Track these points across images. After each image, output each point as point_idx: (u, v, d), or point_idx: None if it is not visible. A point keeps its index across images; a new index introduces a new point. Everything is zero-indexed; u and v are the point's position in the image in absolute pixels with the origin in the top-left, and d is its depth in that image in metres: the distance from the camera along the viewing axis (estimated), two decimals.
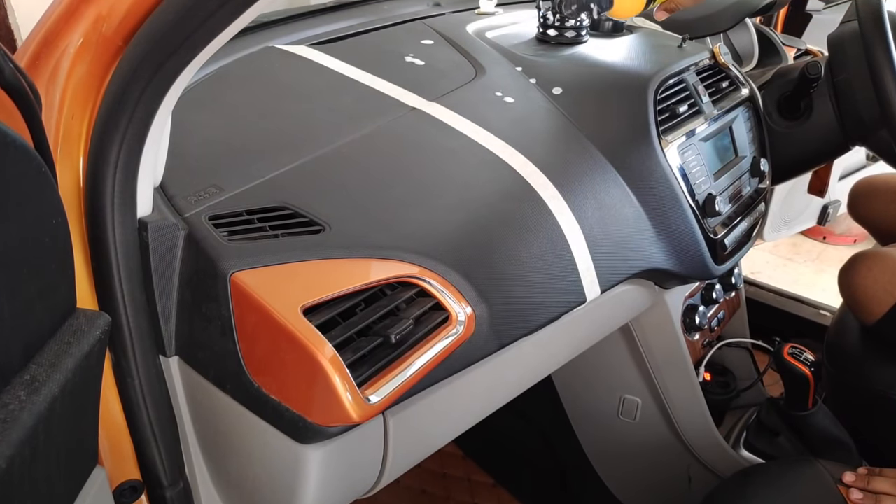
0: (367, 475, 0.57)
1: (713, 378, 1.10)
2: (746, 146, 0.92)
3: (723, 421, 1.11)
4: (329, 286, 0.50)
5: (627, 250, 0.71)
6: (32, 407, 0.34)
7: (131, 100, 0.45)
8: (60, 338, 0.39)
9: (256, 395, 0.50)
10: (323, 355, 0.46)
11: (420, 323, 0.52)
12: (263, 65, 0.77)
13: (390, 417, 0.55)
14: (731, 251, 0.85)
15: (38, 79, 0.46)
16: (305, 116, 0.68)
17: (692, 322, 0.98)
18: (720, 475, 1.00)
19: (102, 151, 0.47)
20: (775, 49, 1.17)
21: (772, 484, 0.73)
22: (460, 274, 0.56)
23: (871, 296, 0.95)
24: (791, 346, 0.93)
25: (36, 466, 0.35)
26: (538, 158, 0.68)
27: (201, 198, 0.55)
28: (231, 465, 0.57)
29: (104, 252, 0.48)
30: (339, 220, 0.55)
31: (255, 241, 0.51)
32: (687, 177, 0.77)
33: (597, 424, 1.08)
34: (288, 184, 0.58)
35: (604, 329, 0.82)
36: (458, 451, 1.37)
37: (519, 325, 0.61)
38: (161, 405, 0.54)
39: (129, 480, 0.55)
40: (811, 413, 0.94)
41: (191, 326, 0.52)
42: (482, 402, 0.66)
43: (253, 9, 0.43)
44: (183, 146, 0.59)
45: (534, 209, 0.64)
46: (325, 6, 0.97)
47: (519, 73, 0.82)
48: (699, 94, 0.85)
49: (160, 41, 0.44)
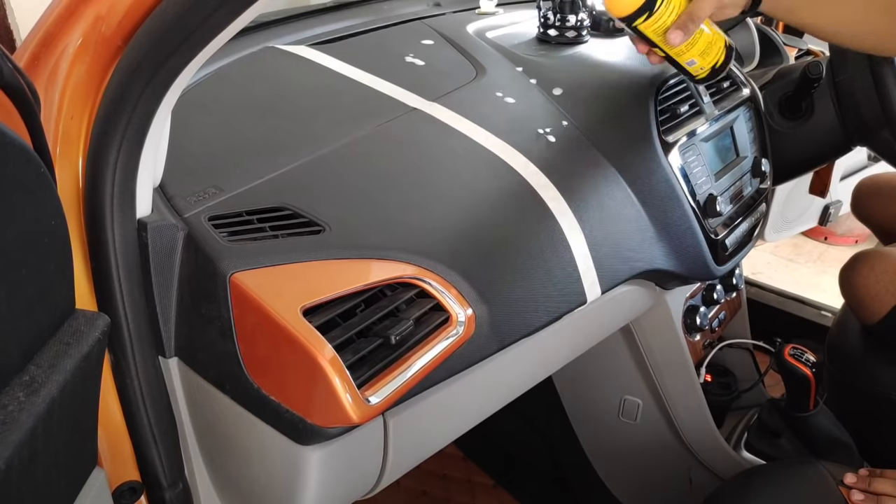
0: (367, 476, 0.57)
1: (714, 379, 1.10)
2: (747, 146, 0.92)
3: (724, 422, 1.11)
4: (329, 287, 0.49)
5: (628, 251, 0.71)
6: (31, 408, 0.34)
7: (131, 100, 0.45)
8: (60, 339, 0.39)
9: (256, 395, 0.50)
10: (323, 356, 0.46)
11: (420, 324, 0.52)
12: (263, 65, 0.77)
13: (390, 418, 0.55)
14: (732, 252, 0.85)
15: (38, 79, 0.46)
16: (305, 117, 0.68)
17: (693, 323, 0.97)
18: (721, 476, 1.00)
19: (102, 152, 0.46)
20: (776, 49, 1.17)
21: (773, 485, 0.72)
22: (460, 274, 0.56)
23: (873, 296, 0.95)
24: (792, 347, 0.93)
25: (35, 468, 0.35)
26: (539, 159, 0.68)
27: (201, 198, 0.54)
28: (230, 466, 0.57)
29: (103, 253, 0.48)
30: (340, 221, 0.55)
31: (254, 242, 0.51)
32: (688, 177, 0.77)
33: (597, 425, 1.07)
34: (288, 184, 0.58)
35: (604, 330, 0.82)
36: (458, 453, 1.36)
37: (519, 326, 0.61)
38: (160, 406, 0.54)
39: (129, 481, 0.55)
40: (812, 414, 0.94)
41: (190, 327, 0.52)
42: (482, 403, 0.66)
43: (252, 9, 0.43)
44: (182, 146, 0.59)
45: (534, 210, 0.64)
46: (325, 6, 0.97)
47: (519, 73, 0.82)
48: (700, 95, 0.85)
49: (160, 41, 0.44)
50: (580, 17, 0.88)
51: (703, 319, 0.98)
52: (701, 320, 0.98)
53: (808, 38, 1.23)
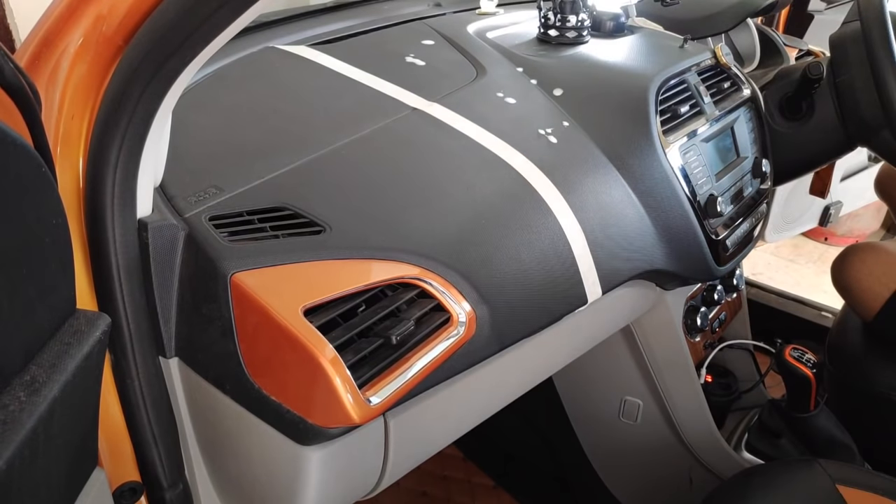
0: (368, 477, 0.57)
1: (714, 380, 1.10)
2: (748, 147, 0.92)
3: (724, 423, 1.11)
4: (330, 287, 0.49)
5: (629, 251, 0.71)
6: (32, 408, 0.34)
7: (131, 100, 0.45)
8: (60, 339, 0.39)
9: (257, 396, 0.50)
10: (324, 356, 0.46)
11: (421, 324, 0.52)
12: (263, 65, 0.77)
13: (391, 419, 0.55)
14: (732, 252, 0.85)
15: (38, 78, 0.46)
16: (306, 117, 0.68)
17: (693, 323, 0.97)
18: (721, 477, 1.00)
19: (102, 151, 0.46)
20: (777, 49, 1.17)
21: (772, 484, 0.72)
22: (461, 275, 0.56)
23: (866, 288, 0.95)
24: (793, 348, 0.93)
25: (35, 468, 0.35)
26: (539, 159, 0.68)
27: (201, 198, 0.54)
28: (231, 467, 0.57)
29: (104, 252, 0.48)
30: (340, 221, 0.55)
31: (255, 242, 0.51)
32: (688, 177, 0.77)
33: (598, 426, 1.07)
34: (288, 184, 0.58)
35: (605, 330, 0.82)
36: (458, 453, 1.36)
37: (520, 327, 0.61)
38: (161, 406, 0.54)
39: (129, 482, 0.55)
40: (813, 415, 0.94)
41: (191, 327, 0.52)
42: (483, 403, 0.66)
43: (253, 9, 0.43)
44: (183, 146, 0.59)
45: (535, 210, 0.63)
46: (325, 6, 0.97)
47: (520, 73, 0.82)
48: (701, 95, 0.85)
49: (161, 41, 0.44)
50: (581, 17, 0.88)
51: (703, 320, 0.98)
52: (701, 321, 0.98)
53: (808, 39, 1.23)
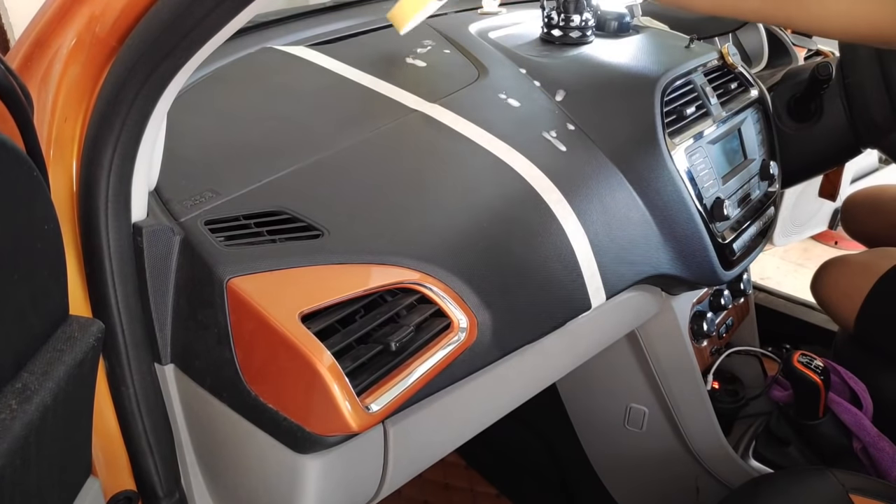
0: (367, 485, 0.56)
1: (721, 386, 1.08)
2: (755, 149, 0.91)
3: (731, 430, 1.09)
4: (328, 292, 0.49)
5: (633, 255, 0.70)
6: (24, 416, 0.34)
7: (126, 102, 0.45)
8: (53, 345, 0.39)
9: (253, 403, 0.49)
10: (321, 363, 0.45)
11: (421, 330, 0.51)
12: (261, 66, 0.77)
13: (390, 427, 0.54)
14: (739, 256, 0.84)
15: (31, 80, 0.46)
16: (304, 119, 0.67)
17: (700, 329, 0.96)
18: (729, 485, 0.98)
19: (96, 155, 0.46)
20: (785, 49, 1.16)
21: (781, 493, 0.71)
22: (462, 280, 0.55)
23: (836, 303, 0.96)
24: (801, 354, 0.91)
25: (27, 477, 0.35)
26: (542, 162, 0.67)
27: (197, 202, 0.54)
28: (227, 476, 0.56)
29: (98, 257, 0.48)
30: (339, 225, 0.54)
31: (252, 247, 0.51)
32: (694, 180, 0.76)
33: (602, 434, 1.06)
34: (286, 188, 0.57)
35: (609, 336, 0.81)
36: (460, 462, 1.35)
37: (522, 333, 0.60)
38: (156, 414, 0.53)
39: (124, 491, 0.54)
40: (821, 422, 0.93)
41: (186, 334, 0.51)
42: (485, 411, 0.65)
43: (250, 8, 0.42)
44: (178, 149, 0.58)
45: (538, 214, 0.63)
46: (325, 6, 0.96)
47: (523, 74, 0.81)
48: (707, 96, 0.84)
49: (155, 42, 0.43)
50: (584, 17, 0.87)
51: (710, 325, 0.97)
52: (708, 326, 0.97)
53: (817, 39, 1.22)
